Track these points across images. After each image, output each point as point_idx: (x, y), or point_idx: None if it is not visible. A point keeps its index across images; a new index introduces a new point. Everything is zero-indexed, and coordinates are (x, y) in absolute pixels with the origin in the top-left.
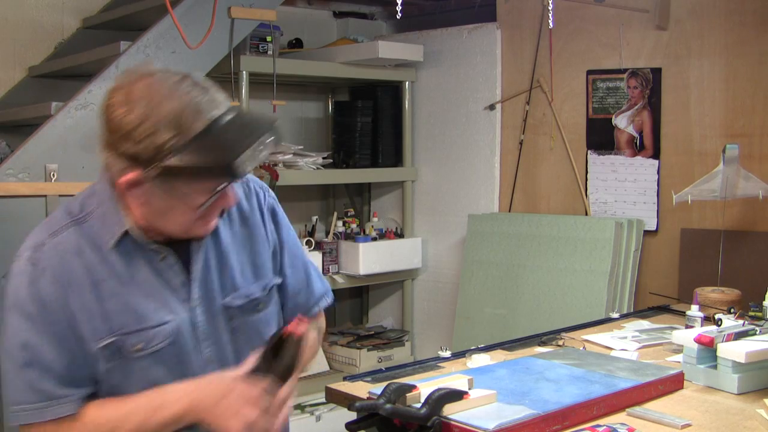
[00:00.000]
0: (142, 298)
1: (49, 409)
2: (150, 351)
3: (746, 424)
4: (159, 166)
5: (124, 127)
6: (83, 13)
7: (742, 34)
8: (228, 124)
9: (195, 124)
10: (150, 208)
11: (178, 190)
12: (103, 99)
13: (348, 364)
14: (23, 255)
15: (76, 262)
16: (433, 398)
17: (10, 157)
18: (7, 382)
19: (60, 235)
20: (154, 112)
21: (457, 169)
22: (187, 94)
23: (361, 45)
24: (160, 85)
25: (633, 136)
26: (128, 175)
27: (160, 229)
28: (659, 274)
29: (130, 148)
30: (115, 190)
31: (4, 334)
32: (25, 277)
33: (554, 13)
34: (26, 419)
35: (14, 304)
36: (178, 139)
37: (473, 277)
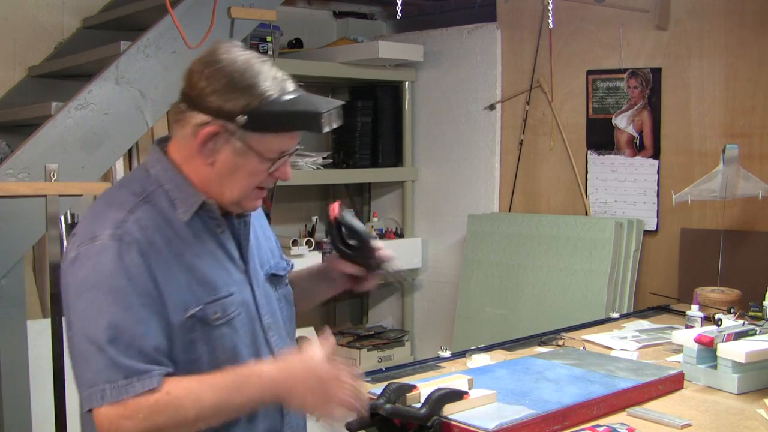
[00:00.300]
0: (212, 269)
1: (132, 385)
2: (226, 319)
3: (746, 424)
4: (256, 112)
5: (223, 79)
6: (83, 13)
7: (742, 34)
8: (309, 92)
9: (287, 85)
10: (217, 169)
11: (257, 145)
12: (197, 58)
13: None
14: (102, 234)
15: (158, 236)
16: (433, 398)
17: (10, 157)
18: (83, 364)
19: (137, 212)
20: (252, 68)
21: (457, 169)
22: (274, 67)
23: (361, 45)
24: (254, 54)
25: (633, 136)
26: (211, 127)
27: (220, 194)
28: (659, 274)
29: (225, 98)
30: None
31: (80, 316)
32: (110, 253)
33: (554, 13)
34: (109, 398)
35: (95, 283)
36: (276, 92)
37: (473, 277)
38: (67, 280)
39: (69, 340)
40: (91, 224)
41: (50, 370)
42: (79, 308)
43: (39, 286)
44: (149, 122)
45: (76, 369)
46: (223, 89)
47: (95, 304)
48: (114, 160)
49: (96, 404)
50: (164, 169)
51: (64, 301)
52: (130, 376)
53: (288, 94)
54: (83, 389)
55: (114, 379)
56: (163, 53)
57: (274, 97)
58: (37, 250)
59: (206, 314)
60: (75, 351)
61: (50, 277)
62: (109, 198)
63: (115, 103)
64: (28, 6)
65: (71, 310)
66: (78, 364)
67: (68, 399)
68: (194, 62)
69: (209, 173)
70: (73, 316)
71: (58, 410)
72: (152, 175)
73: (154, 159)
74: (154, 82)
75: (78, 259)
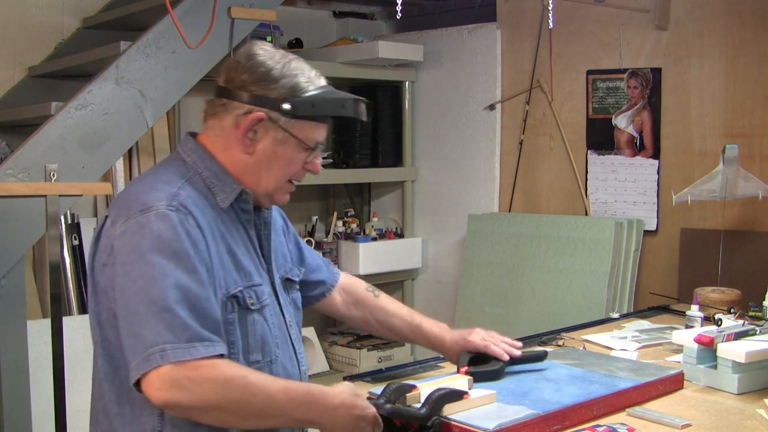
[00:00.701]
0: (245, 258)
1: (196, 348)
2: (260, 306)
3: (746, 424)
4: (299, 99)
5: (264, 68)
6: (83, 13)
7: (742, 34)
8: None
9: (321, 79)
10: (256, 158)
11: (298, 133)
12: (234, 56)
13: (348, 364)
14: (157, 204)
15: (206, 215)
16: (433, 398)
17: (10, 157)
18: (140, 328)
19: (186, 189)
20: (290, 62)
21: (457, 169)
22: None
23: (361, 45)
24: (287, 52)
25: (633, 136)
26: (255, 113)
27: (255, 184)
28: (659, 274)
29: (268, 87)
30: (221, 142)
31: (140, 279)
32: (169, 220)
33: (554, 13)
34: (172, 357)
35: (157, 247)
36: (309, 84)
37: (473, 277)
38: (121, 251)
39: (122, 307)
40: (136, 199)
41: (50, 370)
42: (138, 272)
43: (39, 286)
44: (149, 122)
45: (131, 336)
46: (265, 79)
47: (157, 266)
48: (114, 160)
49: (155, 364)
50: (201, 158)
51: (118, 271)
52: (193, 340)
53: (322, 86)
54: (139, 353)
55: (176, 340)
56: (163, 53)
57: (312, 87)
58: (37, 250)
59: (243, 297)
60: (131, 316)
61: (50, 277)
62: (149, 179)
63: (115, 103)
64: (28, 6)
65: (129, 275)
66: (134, 330)
67: (68, 399)
68: (231, 60)
69: (247, 162)
70: (130, 281)
71: (58, 410)
72: (188, 163)
73: (188, 149)
74: (154, 82)
75: (132, 229)
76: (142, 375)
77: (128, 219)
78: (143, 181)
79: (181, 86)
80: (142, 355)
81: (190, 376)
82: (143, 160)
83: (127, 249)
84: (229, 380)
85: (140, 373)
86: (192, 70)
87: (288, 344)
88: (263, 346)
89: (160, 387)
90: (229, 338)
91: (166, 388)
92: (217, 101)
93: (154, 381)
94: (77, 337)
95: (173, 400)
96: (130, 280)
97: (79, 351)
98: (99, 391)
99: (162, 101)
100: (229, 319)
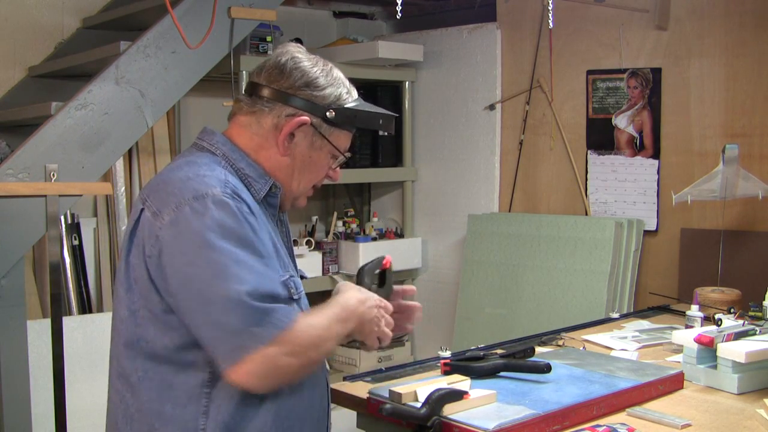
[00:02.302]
0: (281, 249)
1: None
2: (298, 296)
3: (746, 424)
4: (343, 108)
5: (311, 75)
6: (83, 13)
7: (742, 34)
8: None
9: (355, 91)
10: (292, 161)
11: (335, 140)
12: (275, 57)
13: (348, 364)
14: (211, 191)
15: (251, 203)
16: (433, 398)
17: (10, 157)
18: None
19: (231, 178)
20: (333, 72)
21: (457, 169)
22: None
23: (361, 45)
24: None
25: (633, 136)
26: (300, 117)
27: (286, 186)
28: (659, 274)
29: (315, 93)
30: (256, 141)
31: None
32: (228, 207)
33: (554, 13)
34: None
35: (219, 234)
36: (349, 96)
37: (473, 277)
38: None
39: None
40: (184, 187)
41: (50, 370)
42: (205, 259)
43: (39, 286)
44: (149, 122)
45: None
46: (313, 85)
47: (226, 253)
48: (114, 160)
49: (251, 349)
50: (231, 150)
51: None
52: (276, 314)
53: (357, 98)
54: (228, 341)
55: (261, 321)
56: (163, 53)
57: (351, 99)
58: (37, 250)
59: (289, 285)
60: (207, 306)
61: (50, 277)
62: (190, 167)
63: (115, 103)
64: (28, 6)
65: (195, 264)
66: (214, 319)
67: (68, 399)
68: (272, 62)
69: (282, 164)
70: (199, 270)
71: (58, 410)
72: (218, 155)
73: (216, 142)
74: (154, 82)
75: (186, 217)
76: (237, 362)
77: (179, 206)
78: (182, 169)
79: (181, 86)
80: (231, 342)
81: (284, 350)
82: (143, 160)
83: (186, 237)
84: (311, 339)
85: (236, 359)
86: (192, 70)
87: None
88: None
89: (258, 373)
90: None
91: (264, 372)
92: (257, 101)
93: (251, 368)
94: (77, 337)
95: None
96: (198, 269)
97: (79, 351)
98: (133, 392)
99: (162, 101)
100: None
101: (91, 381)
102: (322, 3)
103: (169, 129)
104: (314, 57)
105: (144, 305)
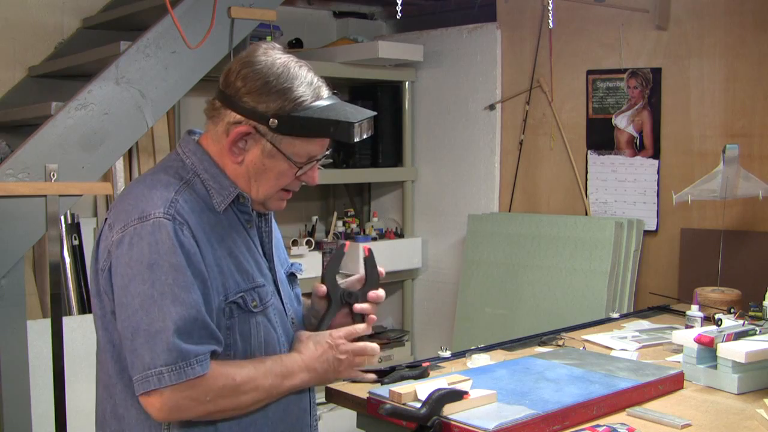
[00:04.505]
0: (247, 260)
1: (192, 368)
2: (263, 308)
3: (746, 424)
4: (288, 116)
5: (259, 80)
6: (83, 13)
7: (742, 34)
8: (344, 100)
9: (322, 91)
10: (245, 168)
11: (287, 148)
12: (237, 58)
13: None
14: (154, 212)
15: (203, 220)
16: (433, 398)
17: (10, 157)
18: (140, 346)
19: (184, 194)
20: (288, 72)
21: (457, 169)
22: (311, 71)
23: (361, 45)
24: (293, 57)
25: (633, 136)
26: (243, 126)
27: (247, 191)
28: (659, 274)
29: (259, 100)
30: (217, 147)
31: (139, 296)
32: (165, 231)
33: (554, 13)
34: (168, 380)
35: (154, 262)
36: (310, 98)
37: (473, 277)
38: (119, 261)
39: (124, 321)
40: (135, 205)
41: (50, 370)
42: (136, 289)
43: (39, 286)
44: (149, 122)
45: (132, 352)
46: (257, 90)
47: (156, 285)
48: (114, 160)
49: (154, 386)
50: (200, 160)
51: (116, 282)
52: (188, 358)
53: (322, 101)
54: (138, 371)
55: (173, 362)
56: (163, 53)
57: (307, 103)
58: (37, 250)
59: (245, 301)
60: (131, 333)
61: (50, 277)
62: (148, 182)
63: (115, 103)
64: (28, 6)
65: (128, 290)
66: (134, 347)
67: (68, 399)
68: (233, 61)
69: (238, 171)
70: (129, 297)
71: (58, 410)
72: (187, 164)
73: (188, 150)
74: (154, 82)
75: (129, 239)
76: (144, 392)
77: (126, 226)
78: (142, 183)
79: (181, 86)
80: (141, 374)
81: (189, 395)
82: (143, 160)
83: (124, 261)
84: (221, 389)
85: (141, 391)
86: (192, 70)
87: (290, 341)
88: (266, 347)
89: (161, 409)
90: (226, 341)
91: (167, 410)
92: (214, 103)
93: (155, 403)
94: (77, 337)
95: (175, 418)
96: (129, 296)
97: (79, 351)
98: (107, 393)
99: (162, 101)
100: (227, 325)
101: (91, 381)
102: (322, 3)
103: (169, 129)
104: (275, 58)
105: (109, 310)
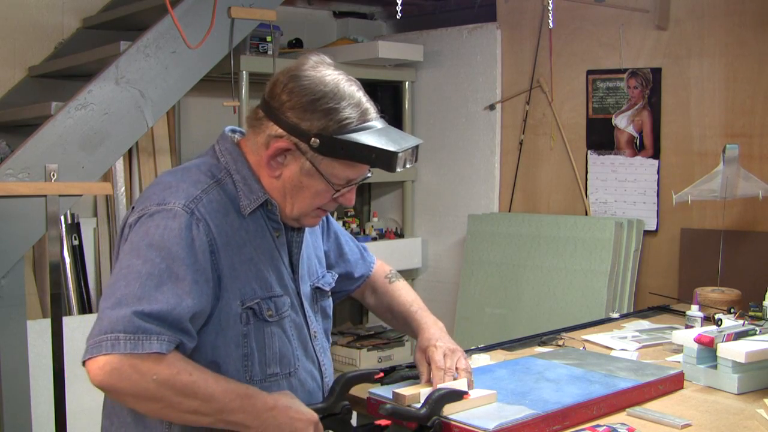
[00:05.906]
0: (267, 268)
1: (149, 342)
2: (278, 318)
3: (746, 424)
4: (330, 138)
5: (306, 96)
6: (83, 13)
7: (742, 34)
8: (391, 126)
9: (369, 114)
10: (282, 183)
11: (326, 169)
12: (284, 69)
13: (348, 364)
14: (175, 203)
15: (226, 222)
16: (433, 398)
17: (10, 157)
18: (107, 311)
19: (211, 193)
20: (336, 92)
21: (457, 169)
22: (361, 90)
23: (361, 45)
24: (343, 75)
25: (633, 136)
26: (283, 142)
27: (282, 205)
28: (659, 274)
29: (303, 117)
30: (255, 157)
31: (129, 269)
32: (179, 221)
33: (554, 13)
34: (122, 348)
35: (156, 244)
36: (356, 121)
37: (473, 277)
38: (128, 239)
39: (105, 288)
40: (161, 193)
41: (50, 370)
42: (129, 261)
43: (39, 286)
44: (149, 122)
45: (98, 317)
46: (302, 107)
47: (147, 263)
48: (114, 160)
49: (104, 351)
50: (234, 160)
51: (119, 256)
52: (149, 332)
53: (367, 124)
54: (94, 336)
55: (132, 331)
56: (163, 53)
57: (352, 126)
58: (37, 250)
59: (261, 309)
60: (104, 299)
61: (50, 277)
62: (180, 175)
63: (115, 103)
64: (28, 6)
65: (121, 261)
66: (101, 312)
67: (68, 399)
68: (280, 72)
69: (274, 184)
70: (119, 267)
71: (58, 410)
72: (221, 163)
73: (224, 149)
74: (154, 82)
75: (143, 221)
76: (92, 356)
77: (144, 209)
78: (172, 175)
79: (181, 86)
80: (96, 339)
81: (134, 364)
82: (143, 160)
83: (131, 239)
84: (172, 376)
85: (89, 356)
86: (192, 70)
87: (310, 356)
88: (281, 359)
89: (101, 368)
90: (244, 350)
91: (106, 372)
92: (257, 112)
93: (98, 362)
94: (77, 337)
95: (109, 383)
96: (119, 266)
97: (79, 351)
98: None
99: (162, 101)
100: (244, 331)
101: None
102: (322, 3)
103: (169, 129)
104: (325, 73)
105: None
